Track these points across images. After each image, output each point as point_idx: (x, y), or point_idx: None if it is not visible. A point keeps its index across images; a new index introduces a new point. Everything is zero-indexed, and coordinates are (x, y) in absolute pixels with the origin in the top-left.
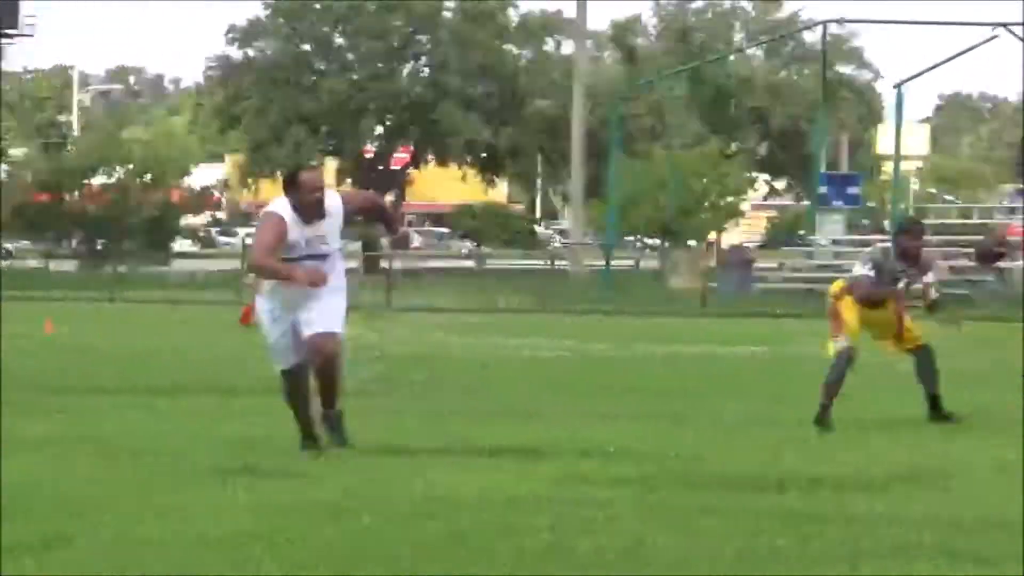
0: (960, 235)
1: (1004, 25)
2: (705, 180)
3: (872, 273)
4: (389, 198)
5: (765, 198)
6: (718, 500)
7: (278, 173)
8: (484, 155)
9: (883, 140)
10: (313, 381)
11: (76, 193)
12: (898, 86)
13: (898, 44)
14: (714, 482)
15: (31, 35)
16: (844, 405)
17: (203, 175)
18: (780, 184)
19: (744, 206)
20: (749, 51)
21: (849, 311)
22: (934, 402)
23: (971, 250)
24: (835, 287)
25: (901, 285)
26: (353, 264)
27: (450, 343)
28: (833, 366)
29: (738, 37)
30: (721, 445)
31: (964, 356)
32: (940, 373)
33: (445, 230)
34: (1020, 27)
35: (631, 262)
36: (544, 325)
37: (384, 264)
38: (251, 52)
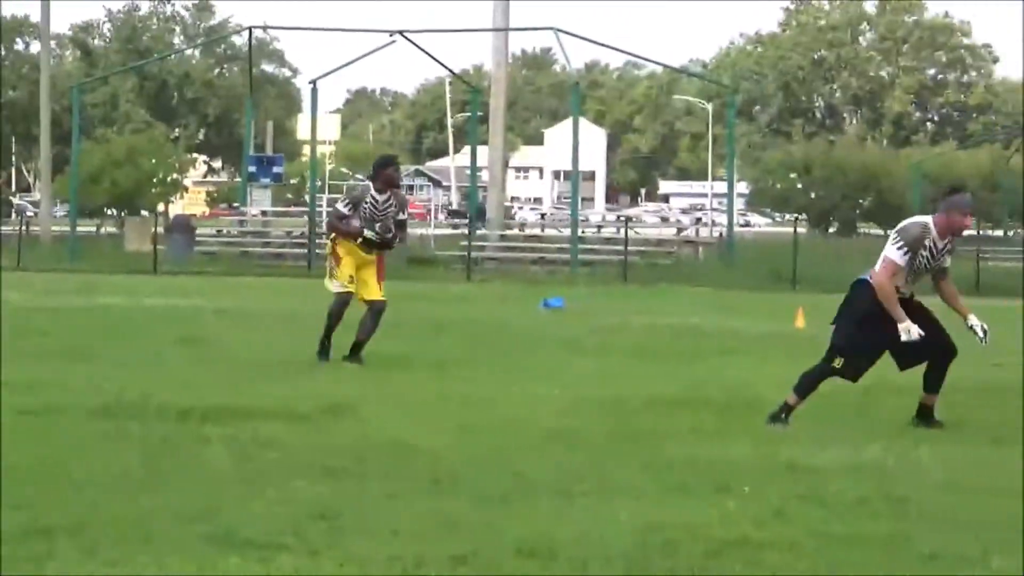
0: None
1: (401, 32)
2: (153, 160)
3: (347, 209)
4: None
5: (205, 175)
6: (134, 428)
7: None
8: None
9: (302, 127)
10: None
11: None
12: (313, 82)
13: (313, 46)
14: (123, 411)
15: None
16: (277, 347)
17: None
18: (217, 163)
19: (187, 182)
20: (188, 51)
21: (345, 257)
22: (356, 348)
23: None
24: (371, 235)
25: (376, 229)
26: None
27: None
28: (332, 306)
29: (178, 40)
30: (151, 381)
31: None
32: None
33: None
34: (414, 33)
35: (93, 229)
36: (17, 281)
37: None
38: None
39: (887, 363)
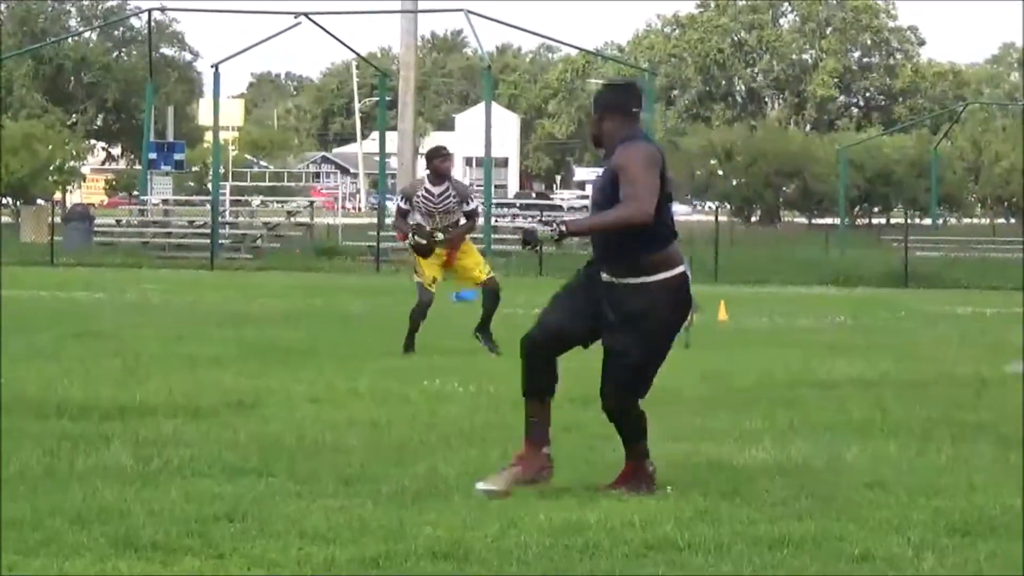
0: (272, 195)
1: (306, 14)
2: (50, 147)
3: (404, 204)
4: None
5: (103, 162)
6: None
7: None
8: None
9: (203, 112)
10: None
11: None
12: (215, 65)
13: (215, 29)
14: (20, 408)
15: None
16: (179, 341)
17: None
18: (116, 150)
19: (85, 169)
20: (85, 34)
21: (423, 262)
22: (484, 328)
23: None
24: (409, 242)
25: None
26: None
27: None
28: (414, 309)
29: (75, 22)
30: (49, 377)
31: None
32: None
33: None
34: (319, 15)
35: None
36: None
37: None
38: None
39: (811, 359)
